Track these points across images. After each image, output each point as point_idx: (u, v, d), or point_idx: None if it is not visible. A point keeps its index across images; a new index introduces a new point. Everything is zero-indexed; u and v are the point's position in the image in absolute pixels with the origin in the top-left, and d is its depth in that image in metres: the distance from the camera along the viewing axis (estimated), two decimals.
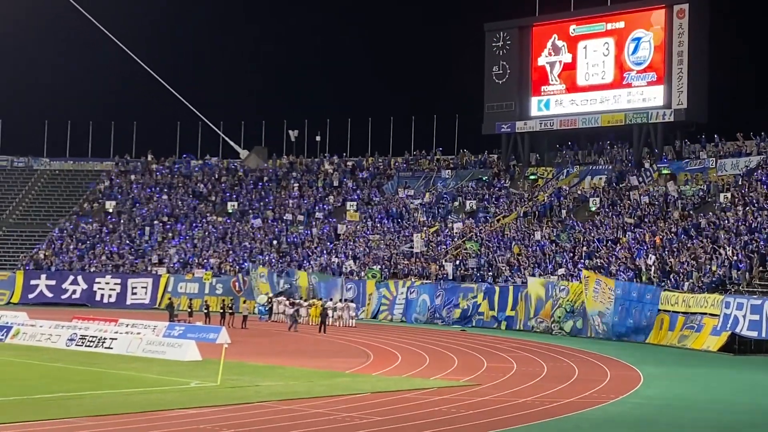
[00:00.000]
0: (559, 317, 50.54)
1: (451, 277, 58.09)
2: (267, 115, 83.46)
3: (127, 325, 43.96)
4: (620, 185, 62.61)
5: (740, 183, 56.04)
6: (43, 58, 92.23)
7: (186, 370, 32.88)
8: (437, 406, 26.38)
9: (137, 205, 77.89)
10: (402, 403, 26.72)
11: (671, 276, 48.52)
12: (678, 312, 45.90)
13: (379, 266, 61.93)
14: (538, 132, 69.04)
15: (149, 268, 69.13)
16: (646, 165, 63.21)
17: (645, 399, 28.95)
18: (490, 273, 56.77)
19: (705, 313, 44.47)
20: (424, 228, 65.69)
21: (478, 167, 72.46)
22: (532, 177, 68.40)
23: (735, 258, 47.23)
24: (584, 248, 55.44)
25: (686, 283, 47.29)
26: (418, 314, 57.22)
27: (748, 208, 52.31)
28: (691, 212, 55.62)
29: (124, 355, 37.60)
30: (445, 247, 62.54)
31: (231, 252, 69.56)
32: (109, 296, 67.44)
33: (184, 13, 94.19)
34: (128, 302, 66.64)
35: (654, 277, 49.05)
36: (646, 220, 56.25)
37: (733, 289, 45.36)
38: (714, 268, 47.18)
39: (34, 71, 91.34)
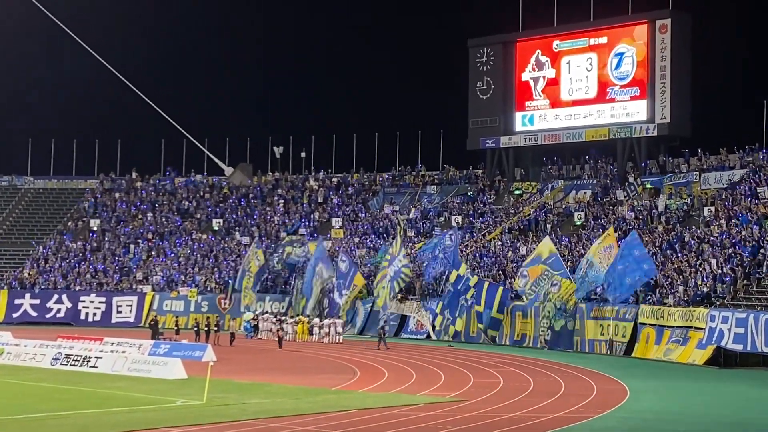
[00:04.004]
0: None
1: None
2: (252, 132, 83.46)
3: (112, 344, 43.83)
4: (605, 199, 62.79)
5: (724, 197, 56.24)
6: (26, 76, 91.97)
7: (172, 389, 32.75)
8: (424, 422, 26.33)
9: (122, 222, 77.59)
10: (389, 420, 26.67)
11: (656, 290, 48.62)
12: (663, 326, 46.03)
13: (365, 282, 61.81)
14: (523, 147, 69.22)
15: (134, 287, 68.85)
16: (631, 179, 63.41)
17: (632, 413, 28.98)
18: None
19: (690, 327, 44.59)
20: (410, 243, 65.68)
21: (462, 183, 72.55)
22: (517, 192, 68.52)
23: (720, 271, 47.35)
24: (569, 263, 55.51)
25: (671, 297, 47.38)
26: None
27: (732, 221, 52.49)
28: (675, 226, 55.77)
29: (109, 374, 37.43)
30: None
31: (216, 269, 69.38)
32: (94, 315, 67.09)
33: (168, 30, 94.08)
34: (113, 321, 66.30)
35: (639, 291, 49.14)
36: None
37: (718, 303, 45.46)
38: (699, 282, 47.29)
39: (18, 89, 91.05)
